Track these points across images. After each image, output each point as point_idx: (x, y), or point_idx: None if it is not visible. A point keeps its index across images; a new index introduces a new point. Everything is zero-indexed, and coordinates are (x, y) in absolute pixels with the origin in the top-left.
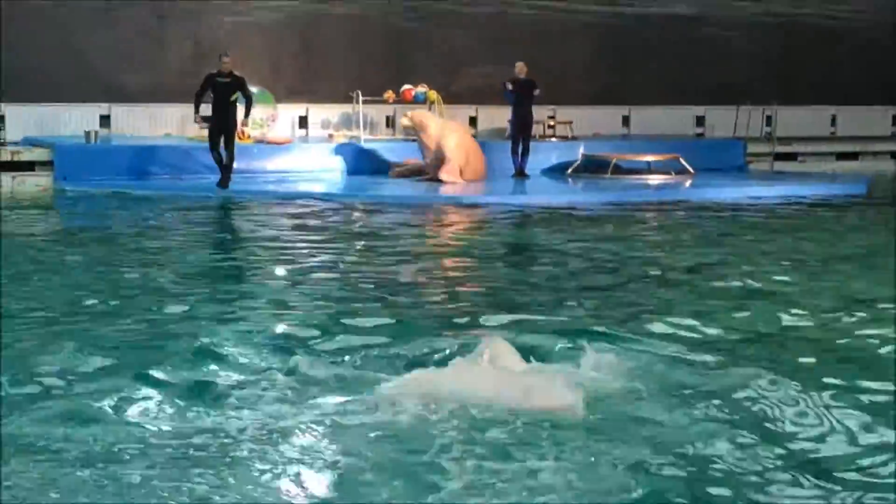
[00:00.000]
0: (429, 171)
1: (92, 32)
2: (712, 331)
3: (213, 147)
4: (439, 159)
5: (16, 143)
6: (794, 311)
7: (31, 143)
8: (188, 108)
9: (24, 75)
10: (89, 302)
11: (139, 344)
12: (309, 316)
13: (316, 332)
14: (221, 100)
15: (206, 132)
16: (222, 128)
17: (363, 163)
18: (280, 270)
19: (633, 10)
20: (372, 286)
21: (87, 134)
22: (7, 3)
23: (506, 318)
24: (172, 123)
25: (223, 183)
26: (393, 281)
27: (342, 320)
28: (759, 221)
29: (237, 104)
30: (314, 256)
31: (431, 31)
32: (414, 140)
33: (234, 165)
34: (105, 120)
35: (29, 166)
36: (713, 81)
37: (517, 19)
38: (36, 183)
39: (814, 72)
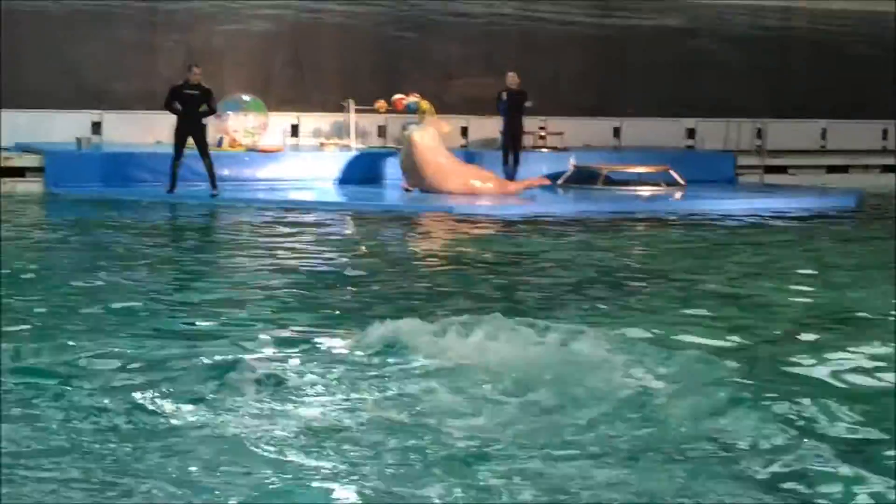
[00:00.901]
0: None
1: (84, 40)
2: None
3: (177, 156)
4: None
5: (7, 149)
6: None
7: (22, 149)
8: None
9: (16, 82)
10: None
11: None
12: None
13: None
14: (190, 111)
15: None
16: (194, 138)
17: (354, 172)
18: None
19: (625, 22)
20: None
21: (79, 141)
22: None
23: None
24: (164, 131)
25: (171, 189)
26: (384, 286)
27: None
28: (748, 233)
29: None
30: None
31: (423, 42)
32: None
33: (227, 172)
34: (96, 127)
35: (20, 172)
36: (704, 94)
37: (509, 30)
38: (26, 189)
39: (804, 85)
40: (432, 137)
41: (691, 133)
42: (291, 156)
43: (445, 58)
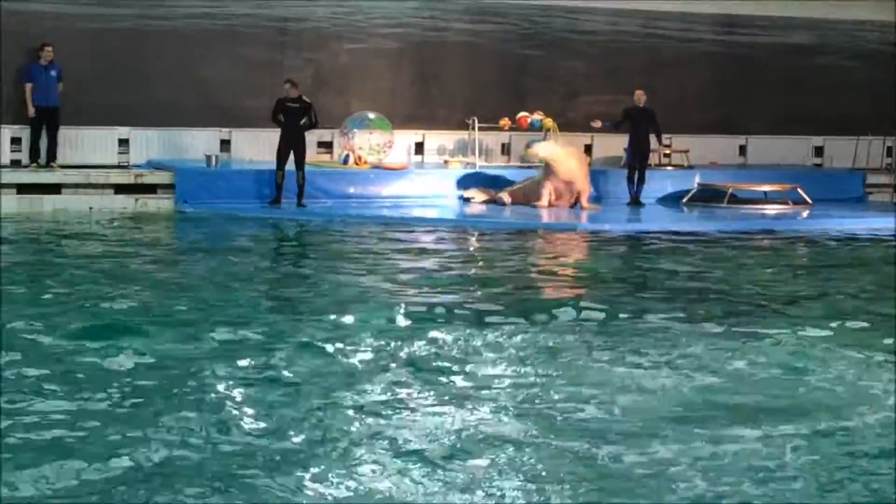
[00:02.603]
0: (546, 199)
1: (214, 59)
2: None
3: (279, 167)
4: (572, 190)
5: (139, 167)
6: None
7: (154, 166)
8: (306, 134)
9: (148, 100)
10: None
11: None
12: None
13: None
14: (291, 123)
15: (321, 157)
16: (295, 151)
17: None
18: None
19: (750, 39)
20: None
21: (208, 158)
22: (133, 32)
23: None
24: None
25: (276, 202)
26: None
27: None
28: (881, 251)
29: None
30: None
31: (548, 59)
32: (529, 166)
33: (352, 190)
34: (225, 144)
35: (152, 189)
36: (832, 111)
37: (633, 47)
38: (157, 205)
39: None
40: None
41: (819, 151)
42: (416, 173)
43: (570, 75)
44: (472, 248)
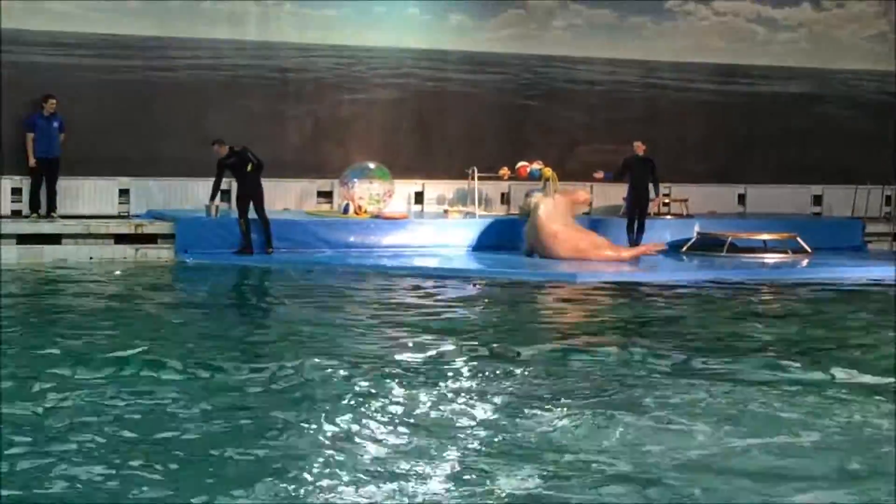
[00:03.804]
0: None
1: (215, 110)
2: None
3: (241, 214)
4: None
5: (139, 217)
6: None
7: (154, 216)
8: (307, 184)
9: (150, 151)
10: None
11: None
12: None
13: None
14: (238, 174)
15: (322, 206)
16: (251, 198)
17: (478, 238)
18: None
19: (749, 89)
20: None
21: (208, 208)
22: (134, 83)
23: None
24: (291, 198)
25: (245, 250)
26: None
27: None
28: (878, 301)
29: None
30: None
31: (547, 109)
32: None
33: (352, 239)
34: (225, 194)
35: (152, 239)
36: (831, 160)
37: (633, 97)
38: (157, 255)
39: None
40: (554, 206)
41: (818, 200)
42: (416, 223)
43: (569, 125)
44: (472, 298)
